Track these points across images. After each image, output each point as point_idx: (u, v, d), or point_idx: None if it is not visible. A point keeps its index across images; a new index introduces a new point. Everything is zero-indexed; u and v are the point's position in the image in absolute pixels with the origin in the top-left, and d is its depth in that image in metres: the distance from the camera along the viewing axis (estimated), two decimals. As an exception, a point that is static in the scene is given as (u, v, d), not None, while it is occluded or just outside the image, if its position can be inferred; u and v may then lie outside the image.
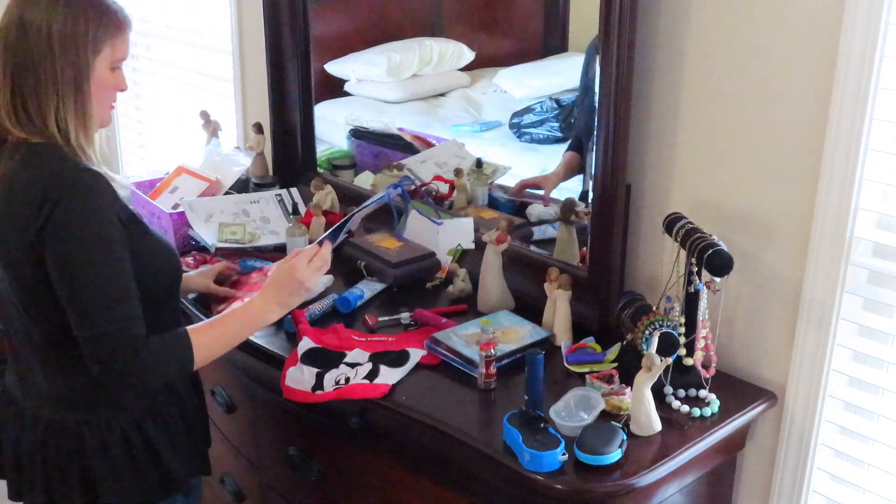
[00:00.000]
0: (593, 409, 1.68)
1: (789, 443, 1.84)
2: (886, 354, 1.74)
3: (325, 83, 2.93)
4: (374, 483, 1.94)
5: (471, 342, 1.89)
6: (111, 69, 1.63)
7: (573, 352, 1.89)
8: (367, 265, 2.30)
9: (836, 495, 1.83)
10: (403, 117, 2.95)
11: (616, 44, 1.81)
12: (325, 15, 2.95)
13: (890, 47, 1.57)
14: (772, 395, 1.82)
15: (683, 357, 1.75)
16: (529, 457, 1.55)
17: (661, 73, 1.89)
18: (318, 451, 2.05)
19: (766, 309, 1.84)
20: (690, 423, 1.71)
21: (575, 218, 2.17)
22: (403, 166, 2.73)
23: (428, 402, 1.77)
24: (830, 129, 1.65)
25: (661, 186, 1.95)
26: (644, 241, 2.01)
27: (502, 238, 2.10)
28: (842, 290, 1.71)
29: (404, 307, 2.12)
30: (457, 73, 3.00)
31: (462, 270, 2.23)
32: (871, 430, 1.78)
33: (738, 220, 1.84)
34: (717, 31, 1.79)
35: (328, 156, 2.97)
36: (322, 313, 2.11)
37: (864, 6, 1.56)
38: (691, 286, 1.72)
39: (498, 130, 2.82)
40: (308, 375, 1.86)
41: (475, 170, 2.58)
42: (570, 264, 2.13)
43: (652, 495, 1.65)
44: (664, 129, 1.92)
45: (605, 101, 1.87)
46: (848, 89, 1.61)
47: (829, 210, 1.68)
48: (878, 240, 1.69)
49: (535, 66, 2.88)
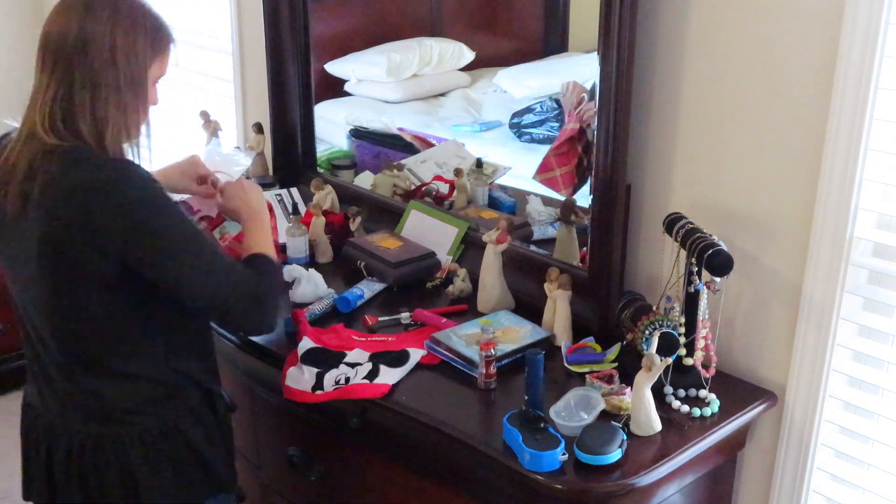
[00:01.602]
0: (593, 409, 1.68)
1: (789, 443, 1.84)
2: (886, 354, 1.74)
3: (325, 83, 2.93)
4: (374, 483, 1.94)
5: (471, 342, 1.89)
6: (153, 84, 1.66)
7: (573, 352, 1.89)
8: (367, 265, 2.30)
9: (836, 495, 1.83)
10: (403, 117, 2.95)
11: (616, 44, 1.81)
12: (325, 15, 2.95)
13: (890, 47, 1.57)
14: (772, 395, 1.82)
15: (683, 357, 1.75)
16: (529, 457, 1.55)
17: (661, 73, 1.89)
18: (318, 451, 2.05)
19: (766, 309, 1.84)
20: (690, 423, 1.71)
21: (575, 218, 2.17)
22: (403, 166, 2.73)
23: (428, 402, 1.77)
24: (830, 129, 1.65)
25: (661, 186, 1.95)
26: (644, 241, 2.01)
27: (502, 238, 2.10)
28: (842, 290, 1.71)
29: (404, 307, 2.12)
30: (457, 73, 3.00)
31: (462, 270, 2.23)
32: (871, 430, 1.78)
33: (738, 220, 1.84)
34: (717, 31, 1.79)
35: (328, 156, 2.97)
36: (322, 313, 2.11)
37: (864, 6, 1.56)
38: (691, 286, 1.72)
39: (498, 130, 2.82)
40: (308, 375, 1.86)
41: (475, 170, 2.58)
42: (570, 264, 2.13)
43: (652, 495, 1.65)
44: (664, 129, 1.92)
45: (605, 101, 1.87)
46: (848, 89, 1.61)
47: (829, 210, 1.68)
48: (878, 240, 1.69)
49: (535, 66, 2.88)
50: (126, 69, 1.57)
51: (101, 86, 1.56)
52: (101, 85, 1.55)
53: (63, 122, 1.56)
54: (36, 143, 1.57)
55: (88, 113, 1.56)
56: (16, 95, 4.33)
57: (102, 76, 1.55)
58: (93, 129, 1.56)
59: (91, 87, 1.55)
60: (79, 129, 1.56)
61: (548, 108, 2.67)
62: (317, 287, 2.17)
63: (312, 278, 2.18)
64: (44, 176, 1.54)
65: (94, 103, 1.56)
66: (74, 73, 1.55)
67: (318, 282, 2.18)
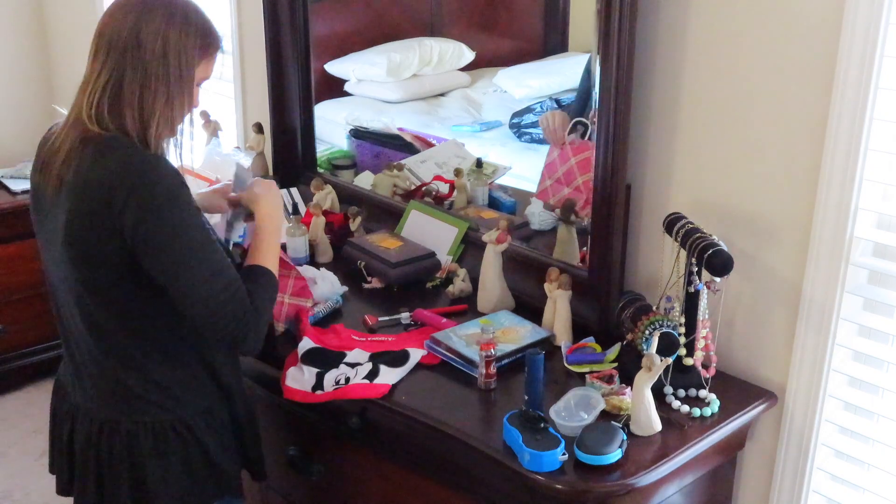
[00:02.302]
0: (593, 409, 1.68)
1: (789, 443, 1.84)
2: (886, 354, 1.74)
3: (325, 83, 2.93)
4: (375, 483, 1.94)
5: (471, 342, 1.89)
6: (196, 85, 1.69)
7: (573, 352, 1.89)
8: (367, 265, 2.30)
9: (836, 495, 1.83)
10: (403, 117, 2.96)
11: (616, 44, 1.81)
12: (325, 15, 2.95)
13: (890, 47, 1.57)
14: (772, 395, 1.82)
15: (683, 357, 1.75)
16: (529, 457, 1.55)
17: (661, 73, 1.89)
18: (318, 451, 2.05)
19: (766, 309, 1.84)
20: (690, 423, 1.71)
21: (575, 218, 2.17)
22: (403, 166, 2.73)
23: (428, 402, 1.77)
24: (830, 129, 1.65)
25: (661, 186, 1.95)
26: (644, 241, 2.01)
27: (502, 238, 2.10)
28: (842, 290, 1.71)
29: (404, 307, 2.12)
30: (457, 73, 3.00)
31: (462, 270, 2.23)
32: (871, 430, 1.78)
33: (738, 220, 1.84)
34: (716, 31, 1.79)
35: (328, 156, 2.97)
36: (325, 315, 2.11)
37: (864, 6, 1.56)
38: (691, 286, 1.72)
39: (498, 130, 2.83)
40: (308, 375, 1.87)
41: (475, 170, 2.59)
42: (570, 264, 2.13)
43: (652, 495, 1.65)
44: (664, 129, 1.92)
45: (605, 101, 1.87)
46: (848, 89, 1.61)
47: (829, 210, 1.68)
48: (878, 240, 1.69)
49: (535, 66, 2.89)
50: (176, 65, 1.62)
51: (151, 78, 1.60)
52: (151, 77, 1.60)
53: (109, 111, 1.60)
54: (79, 129, 1.61)
55: (136, 104, 1.60)
56: (18, 91, 4.33)
57: (153, 69, 1.60)
58: (139, 121, 1.60)
59: (142, 78, 1.60)
60: (124, 120, 1.60)
61: (548, 108, 2.67)
62: (333, 285, 2.17)
63: (327, 277, 2.18)
64: (77, 162, 1.59)
65: (143, 95, 1.60)
66: (126, 64, 1.60)
67: (332, 280, 2.19)
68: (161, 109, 1.62)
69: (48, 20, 3.92)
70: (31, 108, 4.00)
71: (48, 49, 3.97)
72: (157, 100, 1.61)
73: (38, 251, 1.76)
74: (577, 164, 2.29)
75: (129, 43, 1.60)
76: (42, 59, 3.97)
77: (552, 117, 2.48)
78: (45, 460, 2.00)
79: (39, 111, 4.01)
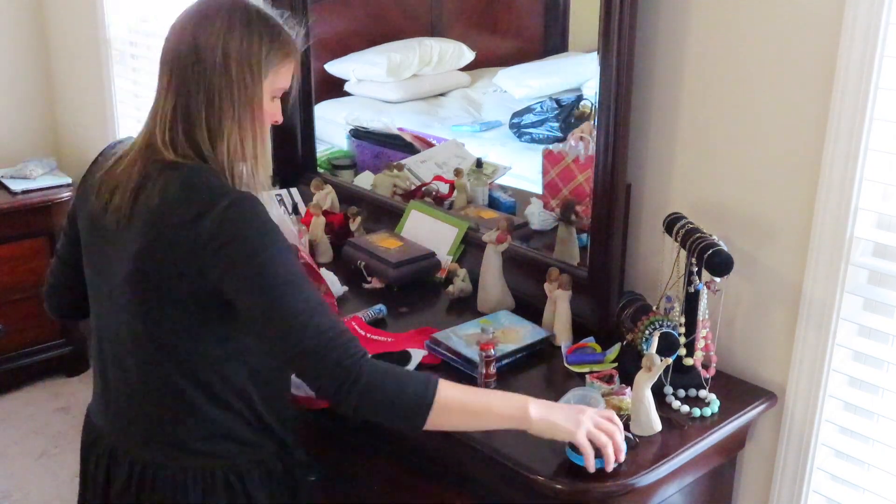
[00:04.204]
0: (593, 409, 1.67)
1: (789, 443, 1.84)
2: (886, 354, 1.74)
3: (325, 83, 2.93)
4: (375, 483, 1.94)
5: (471, 342, 1.89)
6: (271, 98, 1.56)
7: (573, 352, 1.89)
8: (367, 265, 2.30)
9: (836, 495, 1.83)
10: (403, 117, 2.96)
11: (616, 44, 1.81)
12: (325, 15, 2.95)
13: (890, 47, 1.57)
14: (772, 395, 1.82)
15: (683, 357, 1.75)
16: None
17: (661, 73, 1.89)
18: (318, 451, 2.05)
19: (766, 309, 1.84)
20: (690, 423, 1.71)
21: (575, 218, 2.17)
22: (403, 166, 2.73)
23: (428, 402, 1.77)
24: (830, 129, 1.65)
25: (661, 186, 1.95)
26: (644, 241, 2.01)
27: (502, 238, 2.10)
28: (842, 290, 1.71)
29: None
30: (457, 73, 3.01)
31: (462, 270, 2.23)
32: (871, 430, 1.78)
33: (738, 220, 1.84)
34: (716, 31, 1.79)
35: (328, 156, 2.98)
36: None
37: (864, 6, 1.56)
38: (691, 286, 1.72)
39: (498, 130, 2.83)
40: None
41: (475, 170, 2.59)
42: (570, 264, 2.13)
43: (652, 495, 1.65)
44: (664, 129, 1.92)
45: (605, 102, 1.87)
46: (848, 89, 1.61)
47: (829, 210, 1.68)
48: (878, 240, 1.69)
49: (535, 66, 2.89)
50: (240, 78, 1.48)
51: (214, 94, 1.48)
52: (214, 93, 1.47)
53: (184, 136, 1.49)
54: (152, 154, 1.50)
55: (204, 123, 1.48)
56: (18, 91, 4.32)
57: (216, 84, 1.47)
58: (208, 141, 1.49)
59: (206, 95, 1.48)
60: (197, 143, 1.49)
61: (548, 108, 2.68)
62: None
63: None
64: (159, 191, 1.47)
65: (209, 113, 1.48)
66: (189, 83, 1.48)
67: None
68: (229, 129, 1.49)
69: (48, 20, 3.92)
70: (31, 108, 3.99)
71: (48, 49, 3.97)
72: (225, 118, 1.48)
73: (37, 251, 1.71)
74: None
75: (190, 59, 1.47)
76: (42, 60, 3.97)
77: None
78: (44, 460, 1.98)
79: (39, 111, 4.01)
